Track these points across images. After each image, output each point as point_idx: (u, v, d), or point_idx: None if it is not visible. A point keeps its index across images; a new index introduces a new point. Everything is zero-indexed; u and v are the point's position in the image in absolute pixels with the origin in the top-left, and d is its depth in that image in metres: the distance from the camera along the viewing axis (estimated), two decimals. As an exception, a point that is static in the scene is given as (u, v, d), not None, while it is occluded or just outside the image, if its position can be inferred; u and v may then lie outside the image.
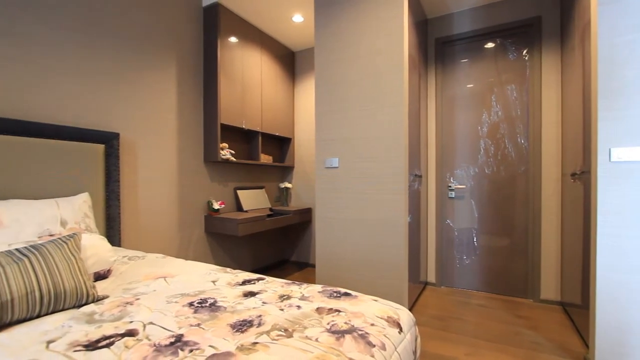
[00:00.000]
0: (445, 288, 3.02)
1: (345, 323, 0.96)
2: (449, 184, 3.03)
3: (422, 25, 2.88)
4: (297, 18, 3.05)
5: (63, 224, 1.61)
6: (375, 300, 1.15)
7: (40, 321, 1.00)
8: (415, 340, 1.12)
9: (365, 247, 2.32)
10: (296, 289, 1.27)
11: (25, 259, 1.04)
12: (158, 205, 2.48)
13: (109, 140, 2.06)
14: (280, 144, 3.91)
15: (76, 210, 1.72)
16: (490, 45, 2.87)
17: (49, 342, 0.87)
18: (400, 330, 1.00)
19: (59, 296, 1.06)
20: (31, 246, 1.10)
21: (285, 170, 3.97)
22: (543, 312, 2.45)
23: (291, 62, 3.81)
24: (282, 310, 1.06)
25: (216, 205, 2.84)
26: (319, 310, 1.06)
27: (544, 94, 2.66)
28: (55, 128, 1.79)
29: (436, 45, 3.06)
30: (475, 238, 2.93)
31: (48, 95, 1.85)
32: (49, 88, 1.85)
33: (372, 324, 0.96)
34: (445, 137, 3.06)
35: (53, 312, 1.07)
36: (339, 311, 1.05)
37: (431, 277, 3.09)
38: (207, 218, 2.87)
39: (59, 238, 1.21)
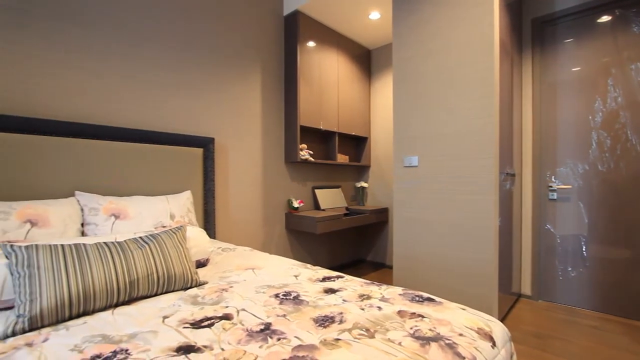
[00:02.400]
0: (543, 302, 2.65)
1: (430, 330, 0.91)
2: (550, 184, 2.65)
3: (516, 5, 2.57)
4: (374, 15, 3.01)
5: (172, 217, 1.87)
6: (463, 309, 1.07)
7: (157, 299, 1.19)
8: (511, 358, 1.01)
9: (448, 251, 2.18)
10: (376, 290, 1.26)
11: (147, 246, 1.24)
12: (245, 202, 2.72)
13: (206, 145, 2.33)
14: (357, 144, 3.92)
15: (181, 206, 1.98)
16: (605, 18, 2.42)
17: (164, 317, 1.02)
18: (494, 344, 0.91)
19: (170, 279, 1.23)
20: (150, 235, 1.31)
21: (361, 170, 3.97)
22: (684, 344, 1.97)
23: (367, 60, 3.78)
24: (362, 309, 1.06)
25: (296, 204, 2.99)
26: (400, 313, 1.03)
27: (686, 71, 2.13)
28: (166, 135, 2.10)
29: (533, 27, 2.70)
30: (584, 247, 2.50)
31: (158, 107, 2.17)
32: (158, 101, 2.18)
33: (461, 334, 0.90)
34: (545, 130, 2.68)
35: (166, 292, 1.25)
36: (422, 316, 1.00)
37: (526, 289, 2.75)
38: (288, 215, 3.03)
39: (169, 229, 1.41)
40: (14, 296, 1.01)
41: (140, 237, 1.28)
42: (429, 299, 1.16)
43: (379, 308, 1.07)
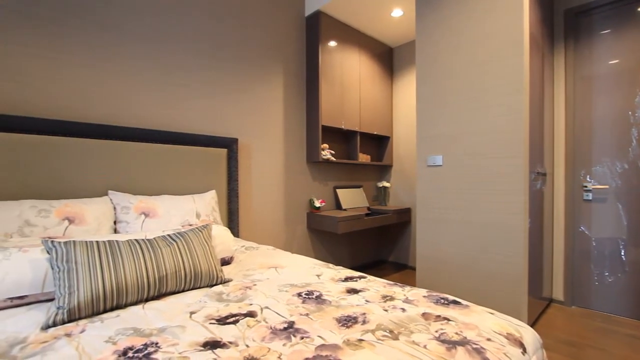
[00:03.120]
0: (577, 309, 2.52)
1: (457, 334, 0.89)
2: (584, 184, 2.51)
3: (547, -3, 2.46)
4: (397, 12, 2.96)
5: (197, 215, 1.93)
6: (491, 313, 1.03)
7: (184, 295, 1.23)
8: (543, 365, 0.97)
9: (473, 253, 2.11)
10: (399, 291, 1.24)
11: (175, 244, 1.28)
12: (267, 202, 2.75)
13: (230, 145, 2.38)
14: (378, 143, 3.88)
15: (206, 205, 2.04)
16: (647, 7, 2.26)
17: (191, 313, 1.05)
18: (524, 351, 0.88)
19: (197, 276, 1.27)
20: (178, 233, 1.36)
21: (383, 169, 3.92)
22: None
23: (389, 58, 3.73)
24: (385, 310, 1.05)
25: (317, 203, 2.99)
26: (425, 315, 1.01)
27: None
28: (192, 137, 2.17)
29: (566, 18, 2.57)
30: (623, 251, 2.35)
31: (185, 109, 2.24)
32: (185, 103, 2.25)
33: (489, 339, 0.87)
34: (579, 126, 2.54)
35: (192, 288, 1.29)
36: (448, 320, 0.98)
37: (558, 294, 2.62)
38: (309, 215, 3.04)
39: (196, 227, 1.45)
40: (54, 289, 1.08)
41: (169, 235, 1.33)
42: (455, 302, 1.13)
43: (403, 310, 1.06)
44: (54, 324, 0.95)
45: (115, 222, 1.69)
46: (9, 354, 0.79)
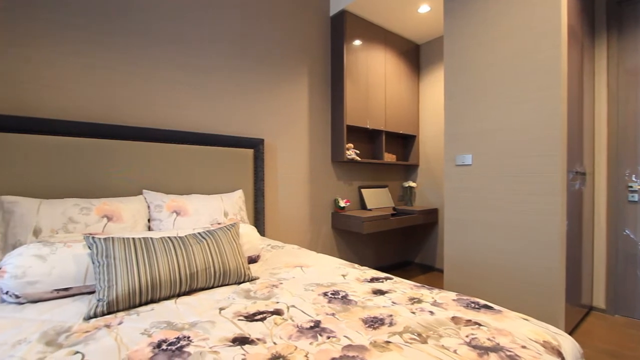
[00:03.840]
0: (620, 318, 2.35)
1: (489, 339, 0.86)
2: (629, 184, 2.34)
3: (587, -15, 2.32)
4: (424, 8, 2.90)
5: (225, 214, 1.98)
6: (526, 320, 0.99)
7: (213, 291, 1.26)
8: (583, 376, 0.91)
9: (506, 256, 2.03)
10: (427, 293, 1.21)
11: (205, 241, 1.32)
12: (293, 201, 2.78)
13: (256, 145, 2.43)
14: (404, 142, 3.81)
15: (234, 204, 2.09)
16: (703, -8, 2.07)
17: (220, 309, 1.08)
18: (563, 360, 0.83)
19: (225, 273, 1.31)
20: (208, 231, 1.40)
21: (409, 169, 3.85)
22: None
23: (415, 56, 3.65)
24: (413, 313, 1.03)
25: (342, 203, 2.99)
26: (455, 319, 0.98)
27: None
28: (220, 137, 2.23)
29: (608, 7, 2.40)
30: (674, 257, 2.17)
31: (213, 111, 2.31)
32: (213, 105, 2.31)
33: (524, 347, 0.83)
34: (623, 122, 2.37)
35: (221, 285, 1.32)
36: (480, 325, 0.94)
37: (599, 301, 2.46)
38: (334, 215, 3.04)
39: (224, 226, 1.49)
40: (95, 282, 1.14)
41: (199, 233, 1.38)
42: (486, 307, 1.09)
43: (431, 313, 1.03)
44: (95, 315, 1.01)
45: (149, 220, 1.77)
46: (56, 342, 0.85)
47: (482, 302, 1.13)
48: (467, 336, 0.88)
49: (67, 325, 0.95)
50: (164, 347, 0.83)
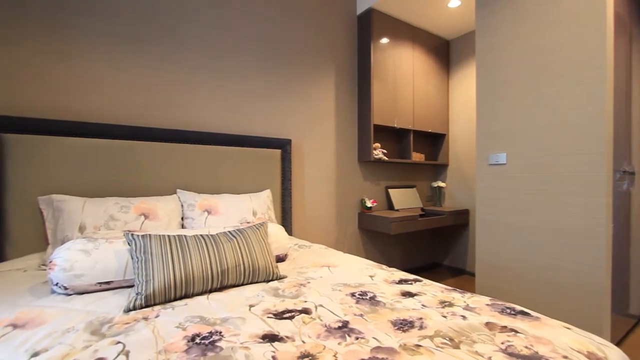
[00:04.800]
0: (677, 330, 2.15)
1: (527, 347, 0.82)
2: (686, 185, 2.14)
3: (636, -30, 2.14)
4: (454, 3, 2.81)
5: (254, 213, 2.02)
6: (568, 328, 0.93)
7: (243, 289, 1.29)
8: (634, 391, 0.84)
9: (543, 260, 1.92)
10: (459, 297, 1.18)
11: (235, 239, 1.36)
12: (319, 201, 2.79)
13: (284, 146, 2.46)
14: (433, 141, 3.71)
15: (262, 204, 2.13)
16: None
17: (250, 306, 1.11)
18: (610, 373, 0.78)
19: (255, 271, 1.33)
20: (237, 230, 1.43)
21: (438, 169, 3.75)
22: None
23: (445, 52, 3.55)
24: (444, 317, 1.00)
25: (369, 203, 2.96)
26: (489, 325, 0.94)
27: None
28: (248, 138, 2.28)
29: (661, -7, 2.21)
30: None
31: (242, 112, 2.36)
32: (241, 106, 2.37)
33: (565, 357, 0.78)
34: (679, 118, 2.18)
35: (250, 283, 1.35)
36: (516, 332, 0.90)
37: (651, 311, 2.27)
38: (360, 215, 3.02)
39: (253, 225, 1.52)
40: (134, 276, 1.21)
41: (229, 231, 1.41)
42: (523, 313, 1.04)
43: (464, 317, 1.00)
44: (134, 308, 1.07)
45: (182, 218, 1.84)
46: (99, 331, 0.91)
47: (519, 308, 1.08)
48: (502, 343, 0.84)
49: (109, 316, 1.01)
50: (197, 340, 0.86)
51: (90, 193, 1.72)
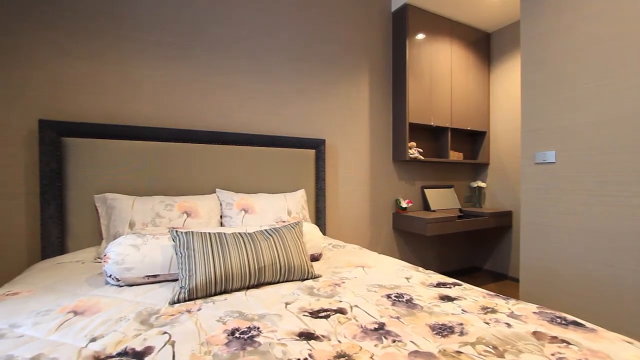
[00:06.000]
0: None
1: (581, 361, 0.76)
2: None
3: None
4: (495, -7, 2.67)
5: (289, 213, 2.05)
6: (629, 343, 0.85)
7: (279, 286, 1.32)
8: None
9: (597, 267, 1.77)
10: (502, 303, 1.12)
11: (271, 238, 1.39)
12: (353, 201, 2.78)
13: (318, 146, 2.47)
14: (473, 139, 3.55)
15: (297, 203, 2.15)
16: None
17: (286, 304, 1.13)
18: (681, 395, 0.70)
19: (290, 269, 1.36)
20: (273, 229, 1.47)
21: (478, 168, 3.58)
22: None
23: (486, 45, 3.38)
24: (487, 324, 0.96)
25: (404, 204, 2.90)
26: (537, 335, 0.89)
27: None
28: (284, 139, 2.32)
29: None
30: None
31: (278, 113, 2.41)
32: (277, 107, 2.42)
33: (627, 374, 0.72)
34: None
35: (286, 281, 1.37)
36: (568, 343, 0.84)
37: None
38: (395, 215, 2.96)
39: (289, 224, 1.55)
40: (178, 271, 1.28)
41: (266, 230, 1.45)
42: (576, 323, 0.96)
43: (508, 325, 0.95)
44: (178, 301, 1.13)
45: (221, 216, 1.92)
46: (148, 322, 0.97)
47: (571, 318, 1.00)
48: (552, 354, 0.78)
49: (157, 308, 1.07)
50: (237, 335, 0.89)
51: (139, 192, 1.85)
